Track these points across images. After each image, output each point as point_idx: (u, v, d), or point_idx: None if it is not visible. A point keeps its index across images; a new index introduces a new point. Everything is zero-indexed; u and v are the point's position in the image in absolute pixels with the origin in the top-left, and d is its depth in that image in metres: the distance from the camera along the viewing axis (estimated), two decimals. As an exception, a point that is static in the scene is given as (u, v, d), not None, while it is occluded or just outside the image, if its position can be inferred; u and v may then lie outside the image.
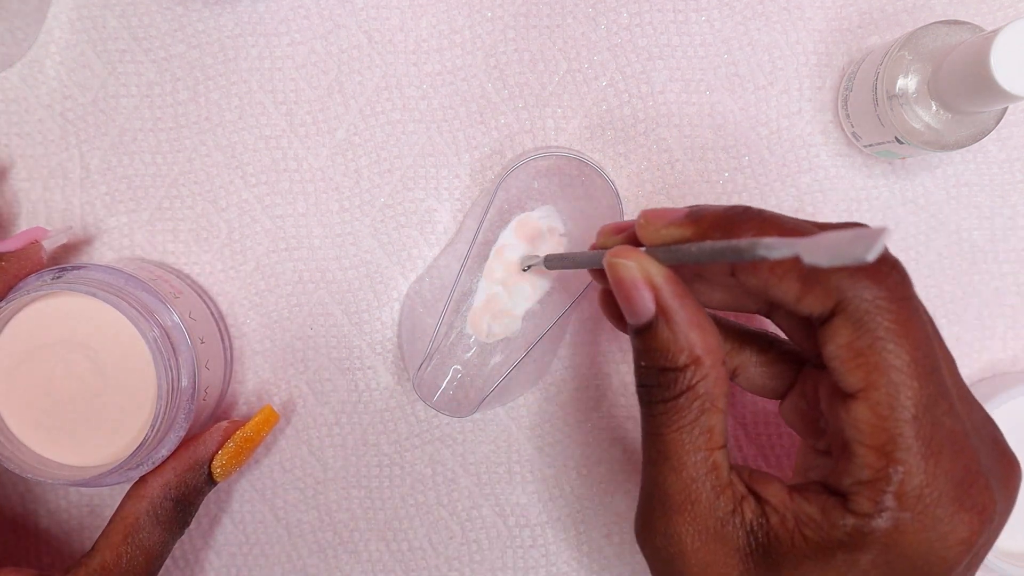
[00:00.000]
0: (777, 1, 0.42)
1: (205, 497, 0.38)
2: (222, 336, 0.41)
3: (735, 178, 0.42)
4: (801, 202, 0.42)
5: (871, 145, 0.40)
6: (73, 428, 0.36)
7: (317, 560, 0.43)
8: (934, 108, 0.36)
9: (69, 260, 0.42)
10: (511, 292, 0.40)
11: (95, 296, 0.34)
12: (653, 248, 0.30)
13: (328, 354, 0.42)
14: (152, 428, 0.34)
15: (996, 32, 0.32)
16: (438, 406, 0.40)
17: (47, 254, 0.37)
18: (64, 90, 0.42)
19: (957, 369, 0.30)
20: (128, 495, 0.36)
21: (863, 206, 0.43)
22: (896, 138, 0.37)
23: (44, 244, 0.37)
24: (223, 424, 0.38)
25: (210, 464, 0.37)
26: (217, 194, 0.42)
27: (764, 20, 0.42)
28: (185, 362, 0.35)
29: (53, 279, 0.35)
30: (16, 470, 0.35)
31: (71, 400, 0.36)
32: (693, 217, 0.30)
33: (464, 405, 0.41)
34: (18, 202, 0.42)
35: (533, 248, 0.40)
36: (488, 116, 0.42)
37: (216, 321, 0.41)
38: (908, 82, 0.37)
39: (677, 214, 0.30)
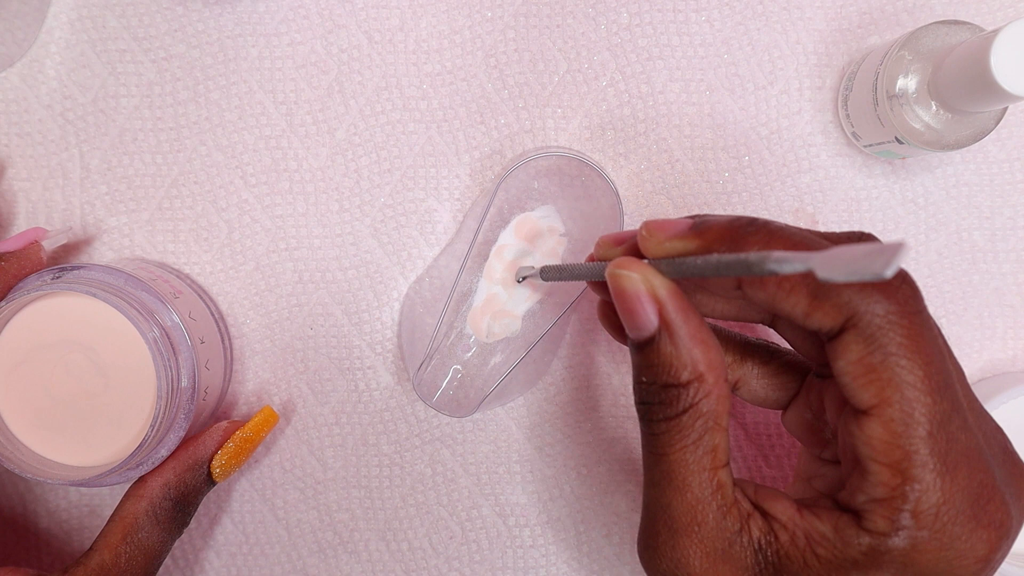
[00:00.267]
0: (777, 1, 0.42)
1: (205, 497, 0.38)
2: (222, 336, 0.41)
3: (735, 178, 0.42)
4: (801, 202, 0.42)
5: (871, 145, 0.40)
6: (73, 428, 0.36)
7: (317, 560, 0.43)
8: (934, 108, 0.36)
9: (69, 260, 0.42)
10: (511, 292, 0.40)
11: (95, 296, 0.34)
12: (657, 260, 0.29)
13: (328, 354, 0.42)
14: (152, 428, 0.34)
15: (996, 32, 0.32)
16: (438, 406, 0.40)
17: (47, 254, 0.37)
18: (64, 90, 0.42)
19: (967, 381, 0.30)
20: (127, 495, 0.36)
21: (863, 206, 0.43)
22: (896, 138, 0.37)
23: (44, 244, 0.37)
24: (223, 424, 0.38)
25: (210, 464, 0.37)
26: (217, 194, 0.42)
27: (764, 20, 0.42)
28: (185, 362, 0.35)
29: (53, 279, 0.35)
30: (16, 470, 0.35)
31: (71, 400, 0.36)
32: (697, 229, 0.29)
33: (464, 405, 0.41)
34: (18, 202, 0.42)
35: (533, 248, 0.40)
36: (488, 116, 0.42)
37: (216, 321, 0.41)
38: (908, 82, 0.37)
39: (681, 226, 0.29)
